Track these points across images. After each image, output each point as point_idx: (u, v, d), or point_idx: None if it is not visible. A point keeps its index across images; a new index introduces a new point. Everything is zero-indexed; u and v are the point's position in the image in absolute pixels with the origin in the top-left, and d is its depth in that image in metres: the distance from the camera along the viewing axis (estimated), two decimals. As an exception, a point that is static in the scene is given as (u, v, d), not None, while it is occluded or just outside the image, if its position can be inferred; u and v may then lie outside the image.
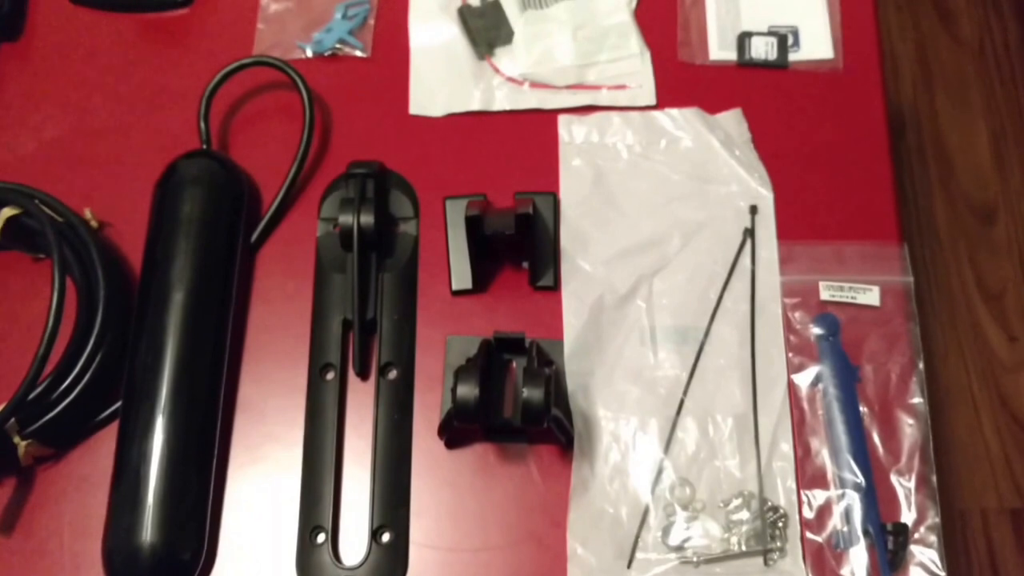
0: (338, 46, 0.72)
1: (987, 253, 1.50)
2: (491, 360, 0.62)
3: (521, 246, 0.65)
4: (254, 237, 0.67)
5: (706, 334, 0.64)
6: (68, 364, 0.60)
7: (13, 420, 0.58)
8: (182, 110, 0.71)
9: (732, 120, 0.69)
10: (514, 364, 0.63)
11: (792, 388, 0.63)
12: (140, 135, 0.71)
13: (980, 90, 1.59)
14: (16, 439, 0.58)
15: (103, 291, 0.61)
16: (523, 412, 0.54)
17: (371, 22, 0.73)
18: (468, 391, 0.53)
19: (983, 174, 1.54)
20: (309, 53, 0.73)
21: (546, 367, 0.61)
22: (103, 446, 0.62)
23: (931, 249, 1.48)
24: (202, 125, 0.68)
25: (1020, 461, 1.38)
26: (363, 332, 0.63)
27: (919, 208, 1.49)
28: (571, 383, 0.62)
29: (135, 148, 0.71)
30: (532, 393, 0.53)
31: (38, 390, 0.59)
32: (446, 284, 0.66)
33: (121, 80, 0.73)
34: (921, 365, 0.63)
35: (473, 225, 0.62)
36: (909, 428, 0.62)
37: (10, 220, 0.63)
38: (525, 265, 0.66)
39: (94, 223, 0.67)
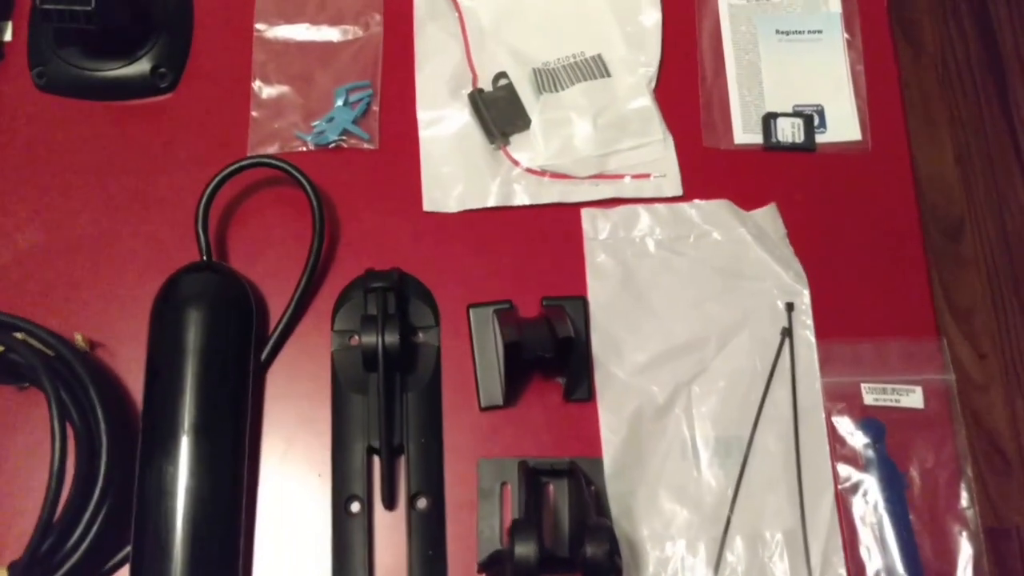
0: (342, 137, 0.67)
1: (955, 269, 1.50)
2: (529, 486, 0.58)
3: (555, 362, 0.61)
4: (264, 355, 0.62)
5: (749, 445, 0.62)
6: (71, 522, 0.54)
7: (14, 591, 0.52)
8: (172, 212, 0.65)
9: (767, 216, 0.66)
10: (551, 487, 0.60)
11: (840, 499, 0.61)
12: (127, 241, 0.65)
13: (944, 105, 1.59)
14: (17, 609, 0.53)
15: (105, 437, 0.56)
16: (588, 573, 0.50)
17: (375, 109, 0.68)
18: (528, 550, 0.49)
19: (949, 190, 1.55)
20: (311, 145, 0.67)
21: (589, 487, 0.58)
22: (111, 601, 0.56)
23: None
24: (200, 236, 0.62)
25: (993, 479, 1.39)
26: (391, 461, 0.59)
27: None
28: (614, 506, 0.59)
29: (122, 256, 0.65)
30: (596, 551, 0.50)
31: (40, 552, 0.53)
32: (472, 398, 0.62)
33: (102, 179, 0.66)
34: (969, 471, 0.62)
35: (511, 350, 0.58)
36: (961, 538, 0.60)
37: (-7, 355, 0.57)
38: (560, 380, 0.62)
39: (84, 346, 0.61)
